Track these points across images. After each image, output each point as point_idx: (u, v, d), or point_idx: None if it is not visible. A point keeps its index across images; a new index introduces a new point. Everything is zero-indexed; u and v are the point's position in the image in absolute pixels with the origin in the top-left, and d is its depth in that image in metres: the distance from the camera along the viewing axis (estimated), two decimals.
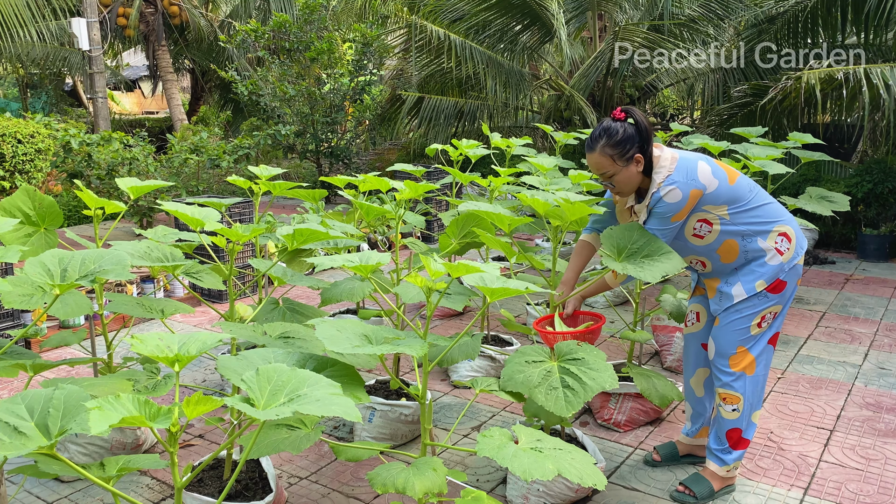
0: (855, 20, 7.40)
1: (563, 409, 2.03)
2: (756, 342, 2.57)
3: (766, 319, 2.55)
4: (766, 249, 2.49)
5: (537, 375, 2.16)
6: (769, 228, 2.51)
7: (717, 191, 2.44)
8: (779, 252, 2.49)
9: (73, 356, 4.21)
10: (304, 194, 3.35)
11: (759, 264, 2.50)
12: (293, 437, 2.08)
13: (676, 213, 2.44)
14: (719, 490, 2.71)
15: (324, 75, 9.99)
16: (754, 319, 2.54)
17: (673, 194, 2.42)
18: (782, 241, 2.51)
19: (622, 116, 2.46)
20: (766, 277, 2.50)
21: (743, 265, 2.53)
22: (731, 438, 2.65)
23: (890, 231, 6.83)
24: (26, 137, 7.68)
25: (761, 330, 2.56)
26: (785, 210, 2.60)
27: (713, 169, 2.46)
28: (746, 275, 2.53)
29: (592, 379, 2.09)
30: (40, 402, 1.46)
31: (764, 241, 2.50)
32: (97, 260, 1.97)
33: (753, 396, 2.60)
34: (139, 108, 22.05)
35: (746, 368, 2.58)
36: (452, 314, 5.01)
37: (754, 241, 2.50)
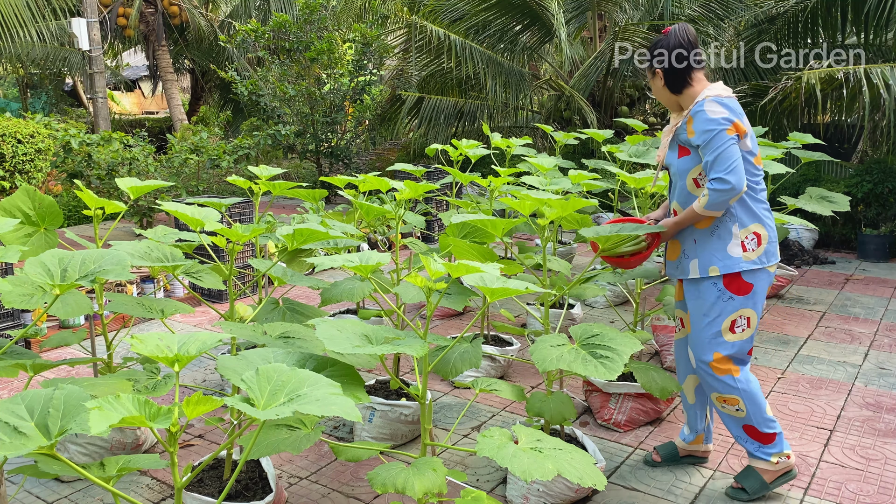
0: (855, 20, 7.40)
1: (605, 374, 2.11)
2: (733, 349, 2.54)
3: (739, 325, 2.52)
4: (734, 237, 2.47)
5: (568, 354, 2.24)
6: (748, 222, 2.49)
7: (749, 145, 2.45)
8: (743, 247, 2.48)
9: (73, 356, 4.21)
10: (304, 194, 3.35)
11: (720, 249, 2.49)
12: (293, 437, 2.08)
13: (727, 126, 2.39)
14: (774, 480, 2.66)
15: (324, 75, 9.99)
16: (723, 323, 2.52)
17: (716, 107, 2.41)
18: (752, 239, 2.49)
19: (667, 31, 2.56)
20: (720, 266, 2.48)
21: (707, 240, 2.51)
22: (751, 434, 2.63)
23: (890, 231, 6.83)
24: (26, 137, 7.68)
25: (736, 336, 2.53)
26: (771, 220, 2.57)
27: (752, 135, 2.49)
28: (704, 253, 2.52)
29: (620, 345, 2.21)
30: (40, 402, 1.46)
31: (737, 230, 2.48)
32: (97, 260, 1.97)
33: (754, 395, 2.58)
34: (139, 108, 22.06)
35: (731, 371, 2.56)
36: (452, 314, 5.01)
37: (729, 223, 2.48)
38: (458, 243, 2.60)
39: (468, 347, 2.72)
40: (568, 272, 3.54)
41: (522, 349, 4.17)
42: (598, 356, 2.19)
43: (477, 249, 2.62)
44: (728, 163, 2.37)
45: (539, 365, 2.20)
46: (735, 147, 2.39)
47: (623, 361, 2.14)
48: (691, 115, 2.47)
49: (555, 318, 4.35)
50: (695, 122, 2.45)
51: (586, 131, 5.16)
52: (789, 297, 5.53)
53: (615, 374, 2.10)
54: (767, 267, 2.51)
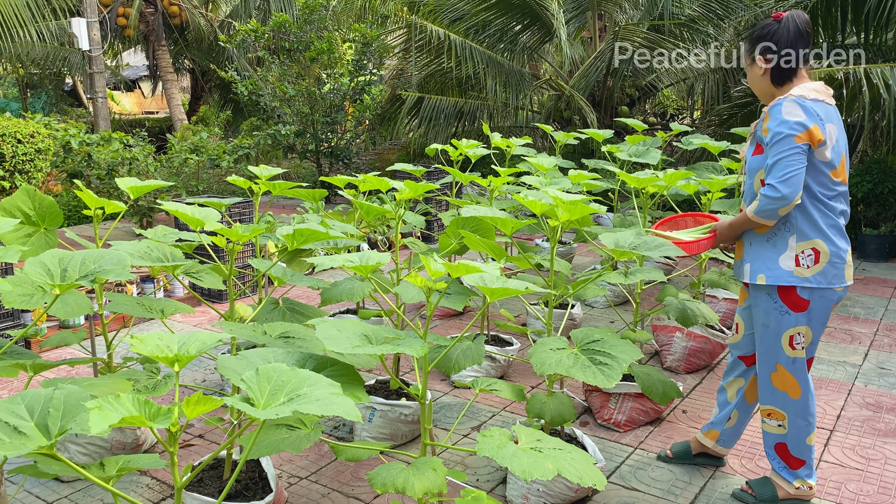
0: (855, 20, 7.40)
1: (603, 382, 2.12)
2: (794, 366, 2.47)
3: (797, 342, 2.43)
4: (789, 248, 2.37)
5: (567, 358, 2.24)
6: (809, 236, 2.36)
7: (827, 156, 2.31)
8: (797, 261, 2.36)
9: (73, 356, 4.21)
10: (304, 194, 3.35)
11: (772, 258, 2.40)
12: (293, 437, 2.08)
13: (798, 132, 2.26)
14: (787, 500, 2.61)
15: (324, 75, 9.99)
16: (782, 337, 2.45)
17: (794, 109, 2.29)
18: (809, 255, 2.36)
19: (779, 16, 2.43)
20: (768, 275, 2.39)
21: (761, 246, 2.44)
22: (781, 454, 2.59)
23: (890, 231, 6.83)
24: (26, 137, 7.68)
25: (795, 352, 2.46)
26: (843, 240, 2.40)
27: (837, 141, 2.35)
28: (756, 259, 2.45)
29: (620, 353, 2.21)
30: (40, 402, 1.46)
31: (794, 241, 2.37)
32: (97, 260, 1.97)
33: (800, 419, 2.52)
34: (139, 108, 22.06)
35: (788, 390, 2.50)
36: (452, 314, 5.01)
37: (787, 234, 2.38)
38: (469, 235, 2.61)
39: (470, 345, 2.73)
40: (568, 272, 3.54)
41: (523, 349, 4.17)
42: (598, 362, 2.19)
43: (488, 244, 2.63)
44: (785, 171, 2.25)
45: (538, 368, 2.20)
46: (799, 156, 2.26)
47: (622, 369, 2.14)
48: (768, 112, 2.37)
49: (556, 318, 4.35)
50: (770, 120, 2.35)
51: (586, 131, 5.16)
52: None
53: (613, 381, 2.10)
54: (821, 288, 2.36)
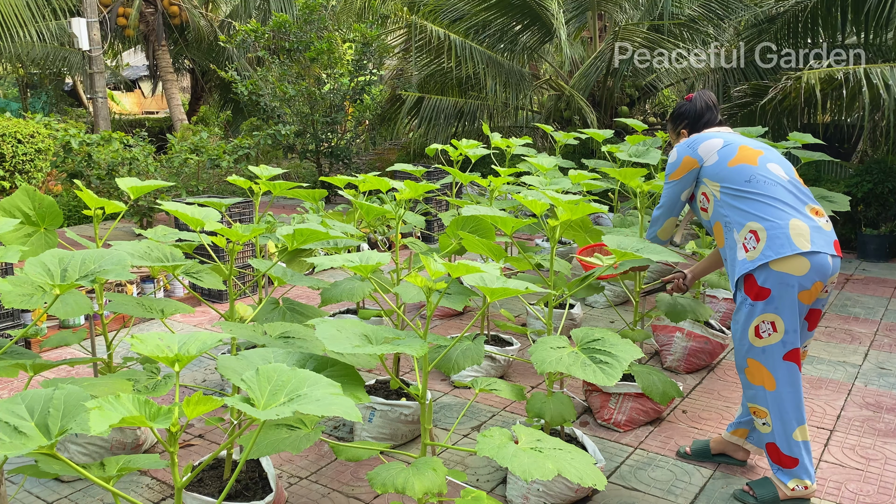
0: (855, 20, 7.40)
1: (604, 380, 2.12)
2: (765, 355, 2.51)
3: (763, 329, 2.49)
4: (737, 242, 2.54)
5: (567, 357, 2.22)
6: (743, 222, 2.53)
7: (713, 166, 2.64)
8: (745, 248, 2.51)
9: (73, 356, 4.21)
10: (304, 194, 3.35)
11: (733, 259, 2.56)
12: (293, 437, 2.08)
13: (671, 172, 2.76)
14: (787, 500, 2.60)
15: (324, 75, 9.99)
16: (748, 328, 2.53)
17: (671, 154, 2.80)
18: (750, 238, 2.50)
19: (688, 97, 2.86)
20: (735, 274, 2.55)
21: (728, 256, 2.61)
22: (772, 453, 2.60)
23: (890, 231, 6.83)
24: (26, 137, 7.68)
25: (762, 341, 2.50)
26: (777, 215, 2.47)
27: (723, 147, 2.66)
28: (731, 268, 2.61)
29: (621, 351, 2.21)
30: (40, 402, 1.46)
31: (737, 234, 2.54)
32: (97, 260, 1.97)
33: (782, 414, 2.52)
34: (139, 108, 22.05)
35: (765, 383, 2.54)
36: (452, 314, 5.01)
37: (732, 231, 2.57)
38: (468, 237, 2.60)
39: (470, 345, 2.73)
40: (568, 272, 3.54)
41: (522, 349, 4.17)
42: (598, 361, 2.19)
43: (487, 244, 2.63)
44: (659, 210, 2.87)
45: (538, 367, 2.20)
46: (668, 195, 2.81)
47: (622, 368, 2.14)
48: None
49: (556, 318, 4.35)
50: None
51: (586, 131, 5.16)
52: None
53: (614, 380, 2.10)
54: (772, 263, 2.42)
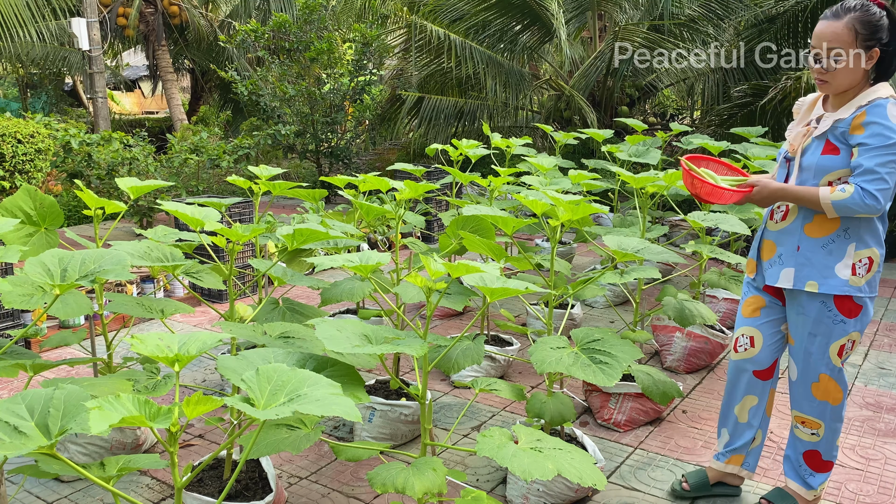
0: None
1: (604, 381, 2.12)
2: (840, 374, 2.35)
3: (847, 350, 2.32)
4: (847, 256, 2.22)
5: (567, 357, 2.22)
6: (868, 244, 2.23)
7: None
8: (853, 270, 2.22)
9: (73, 356, 4.21)
10: (304, 194, 3.35)
11: (826, 266, 2.24)
12: (293, 437, 2.08)
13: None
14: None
15: (324, 75, 9.99)
16: (832, 346, 2.30)
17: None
18: (865, 264, 2.23)
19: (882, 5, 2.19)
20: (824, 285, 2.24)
21: (813, 252, 2.25)
22: (811, 461, 2.49)
23: (890, 231, 6.83)
24: (26, 137, 7.68)
25: (842, 359, 2.34)
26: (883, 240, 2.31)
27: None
28: (805, 265, 2.27)
29: (620, 352, 2.21)
30: (40, 401, 1.46)
31: (853, 249, 2.22)
32: (97, 260, 1.97)
33: (836, 422, 2.43)
34: (139, 108, 22.06)
35: (831, 398, 2.38)
36: (452, 314, 5.01)
37: (846, 241, 2.22)
38: (468, 236, 2.60)
39: (470, 345, 2.73)
40: (568, 272, 3.54)
41: (522, 349, 4.17)
42: (598, 361, 2.19)
43: (487, 244, 2.62)
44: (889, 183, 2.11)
45: (537, 367, 2.20)
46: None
47: (622, 368, 2.14)
48: (867, 111, 2.15)
49: (556, 318, 4.35)
50: (869, 119, 2.13)
51: (586, 131, 5.16)
52: None
53: (613, 380, 2.10)
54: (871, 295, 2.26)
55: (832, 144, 2.22)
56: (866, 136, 2.12)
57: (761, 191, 2.29)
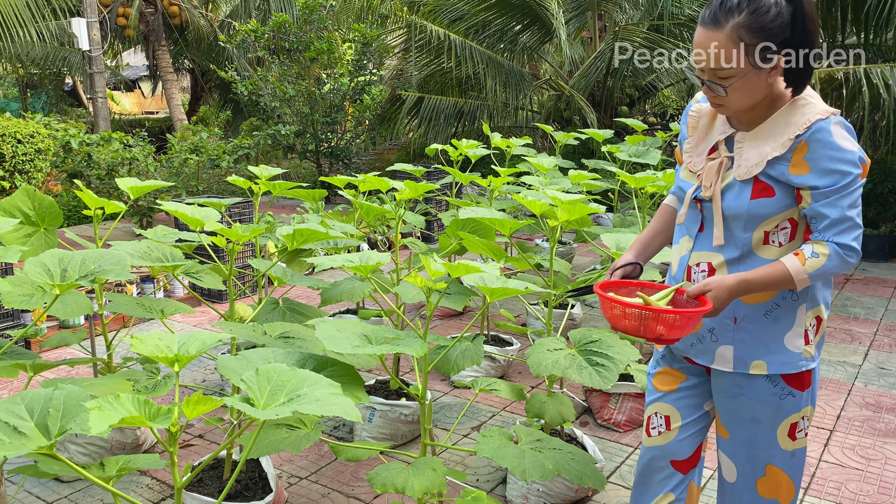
0: (855, 20, 7.40)
1: (599, 383, 2.07)
2: (793, 459, 1.76)
3: (801, 428, 1.75)
4: (797, 323, 1.69)
5: (564, 359, 2.21)
6: (817, 300, 1.70)
7: None
8: (805, 338, 1.69)
9: (73, 356, 4.20)
10: (304, 194, 3.35)
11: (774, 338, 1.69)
12: (293, 437, 2.08)
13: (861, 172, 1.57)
14: None
15: (324, 75, 9.99)
16: (779, 428, 1.73)
17: (846, 135, 1.57)
18: (814, 327, 1.72)
19: None
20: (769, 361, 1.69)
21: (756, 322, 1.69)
22: None
23: (890, 231, 6.83)
24: (26, 137, 7.68)
25: (796, 443, 1.75)
26: None
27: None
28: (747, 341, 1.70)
29: (618, 353, 2.16)
30: (40, 402, 1.46)
31: (803, 312, 1.69)
32: (97, 260, 1.97)
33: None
34: (139, 108, 22.06)
35: (782, 496, 1.79)
36: (452, 314, 5.01)
37: (796, 303, 1.68)
38: (468, 237, 2.60)
39: (469, 345, 2.73)
40: (568, 272, 3.54)
41: (522, 349, 4.17)
42: (595, 363, 2.17)
43: (487, 245, 2.62)
44: (862, 226, 1.61)
45: (534, 369, 2.20)
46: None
47: (619, 370, 2.12)
48: (807, 142, 1.58)
49: (556, 318, 4.35)
50: (814, 152, 1.57)
51: (586, 131, 5.16)
52: None
53: (610, 383, 2.08)
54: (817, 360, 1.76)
55: (763, 184, 1.64)
56: (817, 176, 1.58)
57: (719, 296, 1.63)
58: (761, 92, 1.61)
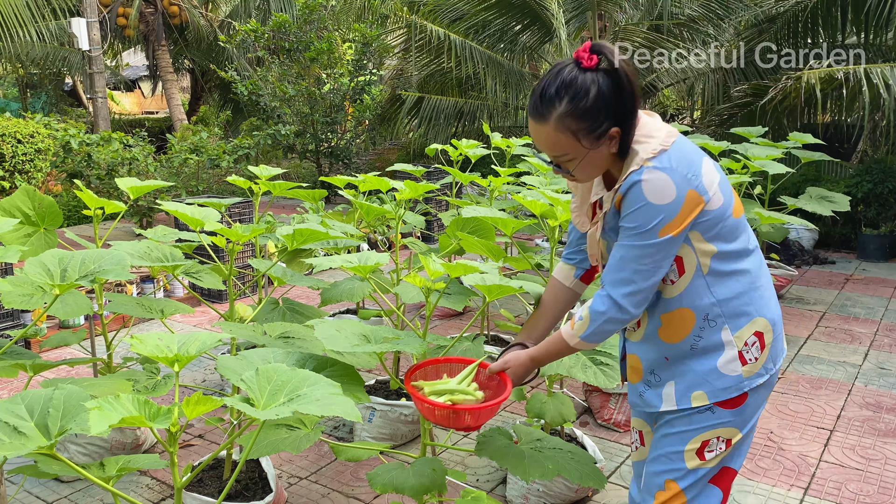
0: (855, 20, 7.40)
1: (604, 382, 2.10)
2: (694, 480, 1.66)
3: (713, 448, 1.65)
4: (727, 346, 1.60)
5: (568, 359, 2.22)
6: (748, 314, 1.61)
7: (718, 211, 1.55)
8: (742, 359, 1.61)
9: (73, 356, 4.20)
10: (303, 194, 3.35)
11: (708, 368, 1.61)
12: (293, 438, 2.08)
13: (668, 221, 1.51)
14: None
15: (324, 75, 9.99)
16: (690, 443, 1.65)
17: (661, 185, 1.49)
18: (753, 344, 1.62)
19: (592, 62, 1.50)
20: (709, 390, 1.61)
21: (684, 357, 1.63)
22: None
23: (890, 231, 6.83)
24: (26, 137, 7.68)
25: (702, 463, 1.65)
26: (774, 296, 1.69)
27: (721, 180, 1.58)
28: (685, 375, 1.64)
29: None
30: (40, 402, 1.46)
31: (729, 335, 1.61)
32: (97, 260, 1.97)
33: None
34: (139, 108, 22.05)
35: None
36: (452, 314, 5.01)
37: (714, 331, 1.61)
38: (466, 238, 2.60)
39: (470, 346, 2.73)
40: None
41: None
42: (599, 363, 2.19)
43: (485, 245, 2.62)
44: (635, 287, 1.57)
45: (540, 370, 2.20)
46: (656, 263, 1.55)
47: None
48: (623, 194, 1.55)
49: None
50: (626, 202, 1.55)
51: None
52: (789, 297, 5.53)
53: (614, 382, 2.10)
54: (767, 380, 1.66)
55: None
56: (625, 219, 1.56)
57: (517, 372, 1.74)
58: (605, 163, 1.59)
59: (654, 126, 1.57)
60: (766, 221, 3.91)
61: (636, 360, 1.75)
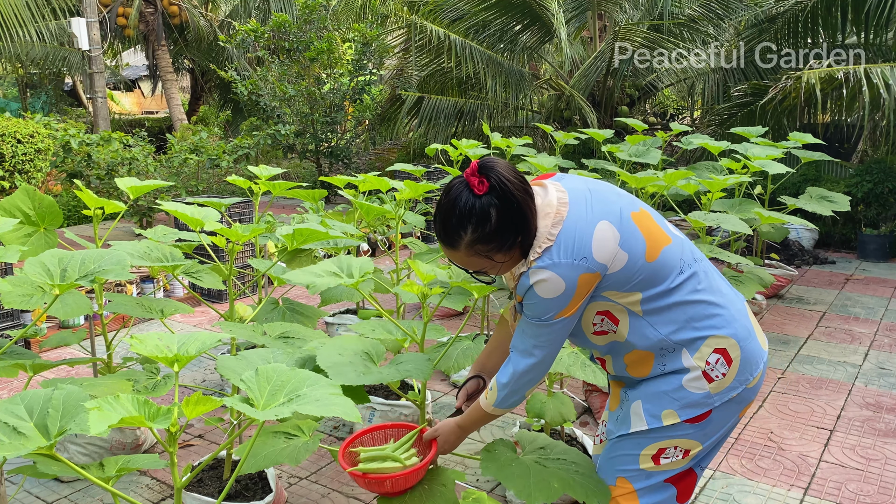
0: (855, 20, 7.40)
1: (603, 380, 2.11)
2: (647, 482, 1.71)
3: (669, 456, 1.69)
4: (692, 371, 1.64)
5: (566, 357, 2.22)
6: (702, 335, 1.63)
7: (625, 269, 1.58)
8: (707, 377, 1.63)
9: (73, 356, 4.20)
10: (303, 194, 3.35)
11: (673, 384, 1.66)
12: (291, 448, 2.03)
13: (561, 308, 1.58)
14: None
15: (323, 75, 9.99)
16: (646, 448, 1.69)
17: (550, 284, 1.55)
18: (717, 362, 1.64)
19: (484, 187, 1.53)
20: (678, 407, 1.65)
21: (653, 384, 1.70)
22: None
23: (890, 231, 6.83)
24: (26, 137, 7.68)
25: (657, 467, 1.70)
26: (740, 309, 1.71)
27: (623, 236, 1.58)
28: (653, 397, 1.68)
29: None
30: (40, 402, 1.46)
31: (689, 358, 1.64)
32: (97, 260, 1.97)
33: None
34: (139, 108, 22.05)
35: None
36: (453, 314, 5.01)
37: (677, 355, 1.65)
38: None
39: (470, 345, 2.73)
40: None
41: None
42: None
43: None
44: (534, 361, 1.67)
45: None
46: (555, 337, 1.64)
47: None
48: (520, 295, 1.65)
49: None
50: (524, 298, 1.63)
51: (586, 131, 5.16)
52: (789, 296, 5.53)
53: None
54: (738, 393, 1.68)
55: None
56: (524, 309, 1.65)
57: (448, 440, 1.86)
58: (518, 259, 1.62)
59: (544, 203, 1.60)
60: (766, 221, 3.90)
61: (616, 384, 1.85)
